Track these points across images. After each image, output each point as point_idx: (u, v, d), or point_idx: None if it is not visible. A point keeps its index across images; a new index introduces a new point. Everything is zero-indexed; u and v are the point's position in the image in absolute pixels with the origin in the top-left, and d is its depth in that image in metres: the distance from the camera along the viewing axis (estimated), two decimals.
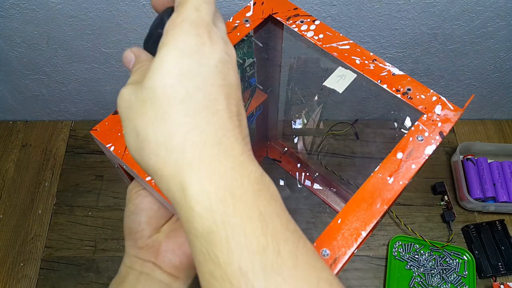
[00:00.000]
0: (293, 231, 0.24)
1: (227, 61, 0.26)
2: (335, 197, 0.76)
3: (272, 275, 0.21)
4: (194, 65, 0.24)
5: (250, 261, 0.21)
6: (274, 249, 0.22)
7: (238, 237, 0.22)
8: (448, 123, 0.41)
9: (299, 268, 0.22)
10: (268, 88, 0.62)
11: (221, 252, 0.22)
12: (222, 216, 0.22)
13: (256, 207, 0.23)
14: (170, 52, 0.24)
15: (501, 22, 0.65)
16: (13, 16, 0.65)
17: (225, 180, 0.23)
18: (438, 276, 0.72)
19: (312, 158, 0.78)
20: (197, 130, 0.23)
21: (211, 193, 0.22)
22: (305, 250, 0.23)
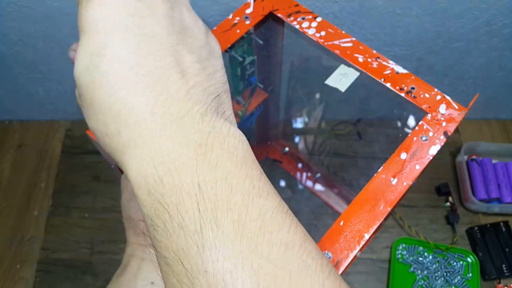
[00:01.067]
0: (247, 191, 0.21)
1: (138, 8, 0.23)
2: (337, 198, 0.75)
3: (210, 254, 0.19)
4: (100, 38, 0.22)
5: (187, 243, 0.20)
6: (212, 225, 0.20)
7: (174, 219, 0.20)
8: (452, 122, 0.40)
9: (244, 239, 0.20)
10: (269, 87, 0.61)
11: (162, 236, 0.20)
12: (159, 199, 0.20)
13: (196, 178, 0.20)
14: (81, 40, 0.23)
15: (505, 20, 0.65)
16: (10, 14, 0.65)
17: (160, 156, 0.21)
18: (442, 278, 0.71)
19: (314, 158, 0.77)
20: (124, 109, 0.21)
21: (147, 175, 0.21)
22: (258, 213, 0.20)
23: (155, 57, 0.22)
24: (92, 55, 0.22)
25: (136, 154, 0.21)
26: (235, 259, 0.19)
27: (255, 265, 0.19)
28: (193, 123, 0.22)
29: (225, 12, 0.63)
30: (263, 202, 0.21)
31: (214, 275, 0.19)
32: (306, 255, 0.21)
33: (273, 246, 0.20)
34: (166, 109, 0.21)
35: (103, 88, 0.22)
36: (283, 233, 0.21)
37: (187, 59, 0.23)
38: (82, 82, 0.22)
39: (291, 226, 0.22)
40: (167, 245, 0.20)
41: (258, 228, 0.20)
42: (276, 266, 0.20)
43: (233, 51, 0.49)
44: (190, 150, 0.21)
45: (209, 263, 0.19)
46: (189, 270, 0.19)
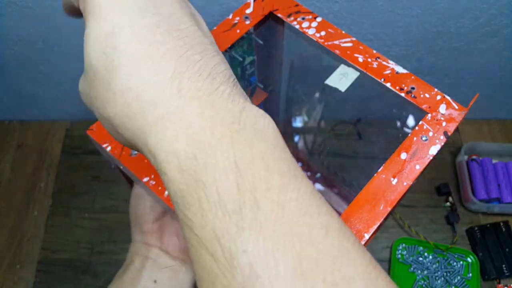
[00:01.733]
0: (284, 173, 0.20)
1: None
2: (337, 198, 0.75)
3: (250, 234, 0.19)
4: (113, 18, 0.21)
5: (225, 222, 0.19)
6: (251, 205, 0.19)
7: (211, 197, 0.19)
8: (452, 122, 0.40)
9: (284, 220, 0.19)
10: (269, 87, 0.61)
11: (195, 215, 0.20)
12: (193, 176, 0.20)
13: (232, 156, 0.19)
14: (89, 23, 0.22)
15: (505, 20, 0.65)
16: (10, 14, 0.64)
17: (192, 133, 0.20)
18: (442, 278, 0.71)
19: (314, 158, 0.77)
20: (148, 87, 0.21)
21: (178, 151, 0.20)
22: (296, 194, 0.20)
23: (173, 35, 0.21)
24: (107, 36, 0.21)
25: (165, 131, 0.20)
26: (276, 241, 0.19)
27: (297, 247, 0.19)
28: (222, 101, 0.21)
29: (225, 12, 0.63)
30: (300, 184, 0.21)
31: (255, 255, 0.18)
32: (346, 241, 0.20)
33: (313, 228, 0.20)
34: (192, 85, 0.21)
35: (123, 69, 0.21)
36: (322, 216, 0.20)
37: (203, 40, 0.23)
38: (98, 65, 0.21)
39: (328, 209, 0.21)
40: (202, 224, 0.19)
41: (298, 209, 0.20)
42: (318, 249, 0.19)
43: (233, 51, 0.49)
44: (224, 128, 0.20)
45: (249, 244, 0.19)
46: (227, 249, 0.19)
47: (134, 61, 0.21)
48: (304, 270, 0.18)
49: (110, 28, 0.21)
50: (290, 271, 0.18)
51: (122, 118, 0.21)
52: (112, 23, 0.21)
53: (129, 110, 0.21)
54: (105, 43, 0.21)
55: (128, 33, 0.21)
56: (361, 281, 0.19)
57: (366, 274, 0.20)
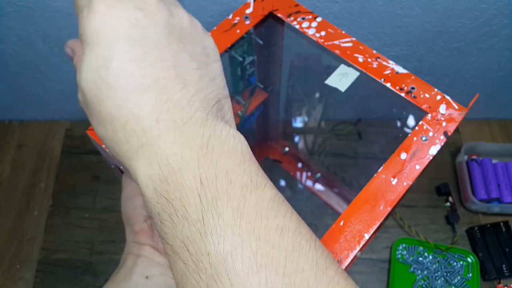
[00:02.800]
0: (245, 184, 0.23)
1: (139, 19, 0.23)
2: (337, 198, 0.75)
3: (212, 238, 0.21)
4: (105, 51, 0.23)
5: (190, 231, 0.22)
6: (213, 214, 0.22)
7: (179, 211, 0.22)
8: (452, 122, 0.40)
9: (242, 224, 0.22)
10: (269, 87, 0.61)
11: (168, 228, 0.22)
12: (165, 196, 0.22)
13: (198, 175, 0.22)
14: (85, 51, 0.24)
15: (505, 20, 0.65)
16: (9, 14, 0.64)
17: (165, 158, 0.23)
18: (442, 278, 0.71)
19: (314, 158, 0.77)
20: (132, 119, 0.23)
21: (153, 176, 0.23)
22: (255, 202, 0.22)
23: (158, 67, 0.23)
24: (98, 68, 0.23)
25: (144, 159, 0.23)
26: (234, 242, 0.21)
27: (253, 246, 0.21)
28: (195, 128, 0.23)
29: (225, 12, 0.63)
30: (260, 193, 0.23)
31: (216, 256, 0.21)
32: (300, 238, 0.23)
33: (270, 230, 0.22)
34: (170, 116, 0.23)
35: (111, 100, 0.23)
36: (279, 219, 0.23)
37: (189, 66, 0.25)
38: (89, 94, 0.24)
39: (286, 213, 0.24)
40: (173, 235, 0.22)
41: (255, 214, 0.22)
42: (273, 247, 0.22)
43: (233, 51, 0.49)
44: (193, 152, 0.23)
45: (211, 246, 0.21)
46: (193, 254, 0.21)
47: (121, 94, 0.23)
48: (259, 265, 0.21)
49: (101, 60, 0.23)
50: (247, 267, 0.21)
51: (111, 142, 0.24)
52: (103, 55, 0.23)
53: (116, 137, 0.24)
54: (96, 74, 0.23)
55: (116, 67, 0.23)
56: (311, 271, 0.22)
57: (317, 266, 0.22)
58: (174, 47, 0.24)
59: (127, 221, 0.45)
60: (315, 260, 0.22)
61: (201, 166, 0.22)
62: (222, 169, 0.22)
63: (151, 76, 0.23)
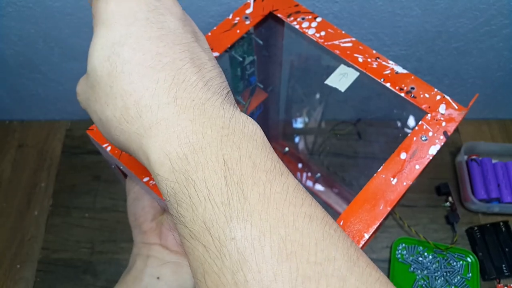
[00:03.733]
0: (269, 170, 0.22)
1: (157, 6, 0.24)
2: (337, 198, 0.75)
3: (238, 223, 0.20)
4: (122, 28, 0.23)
5: (214, 214, 0.20)
6: (239, 197, 0.21)
7: (201, 192, 0.21)
8: (452, 122, 0.40)
9: (270, 209, 0.21)
10: (269, 87, 0.61)
11: (186, 211, 0.21)
12: (184, 175, 0.21)
13: (221, 156, 0.21)
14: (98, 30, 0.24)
15: (505, 20, 0.65)
16: (10, 14, 0.64)
17: (184, 136, 0.22)
18: (442, 278, 0.71)
19: (314, 158, 0.77)
20: (147, 94, 0.22)
21: (171, 153, 0.22)
22: (281, 188, 0.22)
23: (175, 49, 0.24)
24: (114, 44, 0.23)
25: (159, 135, 0.22)
26: (262, 227, 0.20)
27: (282, 232, 0.20)
28: (214, 109, 0.23)
29: (225, 12, 0.63)
30: (285, 180, 0.22)
31: (243, 241, 0.20)
32: (328, 227, 0.22)
33: (298, 217, 0.21)
34: (188, 95, 0.23)
35: (125, 75, 0.23)
36: (306, 207, 0.22)
37: (202, 56, 0.25)
38: (101, 71, 0.23)
39: (312, 201, 0.23)
40: (193, 218, 0.21)
41: (282, 200, 0.21)
42: (302, 234, 0.20)
43: (233, 51, 0.49)
44: (214, 131, 0.22)
45: (237, 231, 0.20)
46: (216, 238, 0.20)
47: (137, 69, 0.23)
48: (289, 252, 0.20)
49: (118, 37, 0.23)
50: (276, 253, 0.20)
51: (120, 120, 0.23)
52: (120, 32, 0.23)
53: (127, 114, 0.23)
54: (111, 50, 0.23)
55: (134, 43, 0.23)
56: (342, 261, 0.21)
57: (348, 256, 0.21)
58: (188, 36, 0.25)
59: (135, 221, 0.45)
60: (345, 250, 0.21)
61: (224, 147, 0.21)
62: (245, 152, 0.22)
63: (168, 56, 0.23)
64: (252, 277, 0.19)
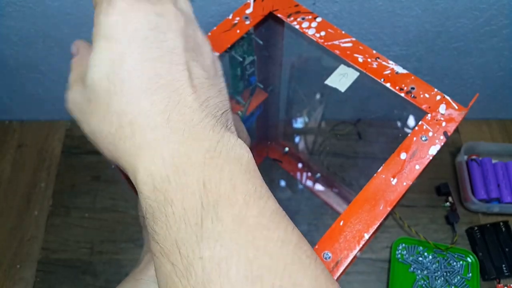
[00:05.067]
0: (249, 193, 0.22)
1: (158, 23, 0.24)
2: (337, 198, 0.75)
3: (208, 243, 0.20)
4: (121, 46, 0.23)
5: (186, 233, 0.21)
6: (212, 218, 0.21)
7: (177, 212, 0.21)
8: (452, 122, 0.40)
9: (242, 231, 0.21)
10: (269, 87, 0.61)
11: (161, 228, 0.22)
12: (164, 194, 0.22)
13: (201, 178, 0.22)
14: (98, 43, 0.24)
15: (505, 20, 0.65)
16: (10, 14, 0.64)
17: (170, 158, 0.22)
18: (442, 278, 0.71)
19: (314, 158, 0.77)
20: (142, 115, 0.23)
21: (155, 173, 0.22)
22: (258, 211, 0.22)
23: (172, 70, 0.24)
24: (113, 62, 0.23)
25: (147, 155, 0.23)
26: (231, 249, 0.20)
27: (251, 255, 0.20)
28: (204, 132, 0.23)
29: (225, 12, 0.63)
30: (263, 204, 0.22)
31: (210, 261, 0.20)
32: (301, 253, 0.22)
33: (269, 241, 0.21)
34: (180, 117, 0.23)
35: (122, 95, 0.23)
36: (280, 231, 0.22)
37: (200, 74, 0.25)
38: (100, 86, 0.24)
39: (288, 226, 0.23)
40: (166, 236, 0.21)
41: (256, 223, 0.21)
42: (271, 258, 0.20)
43: (233, 51, 0.49)
44: (199, 155, 0.22)
45: (206, 250, 0.20)
46: (185, 257, 0.20)
47: (134, 90, 0.23)
48: (255, 275, 0.20)
49: (117, 54, 0.23)
50: (242, 276, 0.20)
51: (115, 137, 0.24)
52: (119, 51, 0.23)
53: (121, 132, 0.23)
54: (110, 68, 0.23)
55: (132, 64, 0.23)
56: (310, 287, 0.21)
57: (317, 283, 0.21)
58: (188, 55, 0.25)
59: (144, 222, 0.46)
60: (314, 277, 0.21)
61: (206, 170, 0.22)
62: (227, 175, 0.22)
63: (166, 77, 0.23)
64: None
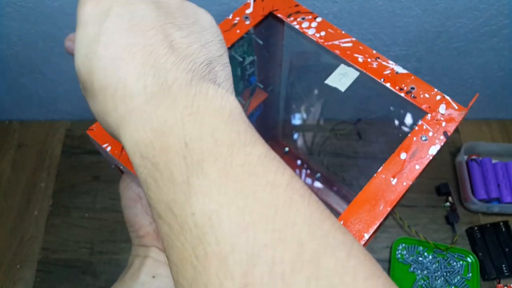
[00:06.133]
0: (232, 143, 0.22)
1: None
2: (337, 198, 0.75)
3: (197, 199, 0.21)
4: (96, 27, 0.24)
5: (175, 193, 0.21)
6: (198, 175, 0.21)
7: (165, 174, 0.22)
8: (452, 122, 0.40)
9: (229, 183, 0.21)
10: (269, 87, 0.61)
11: (153, 193, 0.22)
12: (150, 160, 0.22)
13: (182, 137, 0.22)
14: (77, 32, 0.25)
15: (505, 20, 0.65)
16: (10, 14, 0.64)
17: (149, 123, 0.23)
18: (442, 278, 0.71)
19: (314, 158, 0.77)
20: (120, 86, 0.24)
21: (139, 142, 0.23)
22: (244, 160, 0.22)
23: (145, 36, 0.24)
24: (89, 43, 0.24)
25: (130, 124, 0.23)
26: (220, 201, 0.21)
27: (241, 204, 0.20)
28: (180, 89, 0.23)
29: (225, 12, 0.63)
30: (249, 150, 0.22)
31: (201, 216, 0.20)
32: (292, 193, 0.22)
33: (258, 187, 0.21)
34: (156, 81, 0.23)
35: (101, 71, 0.24)
36: (269, 175, 0.22)
37: (177, 35, 0.25)
38: (83, 70, 0.24)
39: (278, 168, 0.23)
40: (159, 199, 0.22)
41: (243, 172, 0.21)
42: (262, 203, 0.21)
43: (233, 51, 0.49)
44: (177, 113, 0.22)
45: (196, 206, 0.21)
46: (178, 216, 0.21)
47: (110, 63, 0.24)
48: (247, 223, 0.20)
49: (92, 35, 0.24)
50: (234, 225, 0.20)
51: (104, 113, 0.24)
52: (94, 31, 0.24)
53: (106, 107, 0.24)
54: (88, 48, 0.24)
55: (106, 39, 0.24)
56: (303, 225, 0.21)
57: (311, 220, 0.21)
58: (161, 18, 0.25)
59: (131, 227, 0.45)
60: (308, 214, 0.21)
61: (186, 128, 0.22)
62: (208, 129, 0.22)
63: (137, 45, 0.24)
64: (211, 250, 0.20)
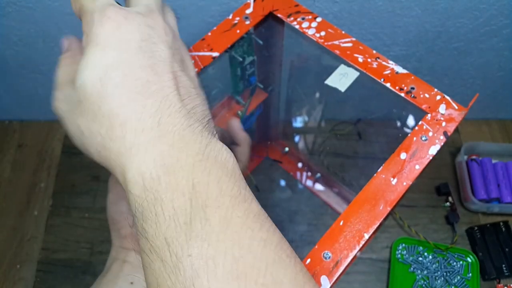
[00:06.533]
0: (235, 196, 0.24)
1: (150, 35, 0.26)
2: (337, 198, 0.75)
3: (196, 241, 0.22)
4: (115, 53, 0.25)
5: (176, 232, 0.22)
6: (201, 219, 0.22)
7: (167, 211, 0.22)
8: (452, 122, 0.40)
9: (228, 231, 0.22)
10: (269, 87, 0.61)
11: (150, 226, 0.23)
12: (154, 194, 0.23)
13: (191, 180, 0.23)
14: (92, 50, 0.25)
15: (505, 20, 0.65)
16: (10, 14, 0.64)
17: (160, 159, 0.23)
18: (442, 278, 0.71)
19: (314, 158, 0.77)
20: (134, 117, 0.24)
21: (145, 173, 0.23)
22: (243, 213, 0.23)
23: (163, 78, 0.25)
24: (107, 67, 0.24)
25: (138, 156, 0.24)
26: (218, 248, 0.22)
27: (237, 254, 0.22)
28: (193, 136, 0.24)
29: (225, 12, 0.63)
30: (247, 206, 0.24)
31: (198, 258, 0.21)
32: (281, 252, 0.23)
33: (253, 241, 0.23)
34: (171, 121, 0.24)
35: (116, 98, 0.24)
36: (263, 232, 0.23)
37: (187, 84, 0.27)
38: (91, 89, 0.25)
39: (270, 228, 0.24)
40: (156, 233, 0.22)
41: (241, 224, 0.23)
42: (255, 257, 0.22)
43: (233, 51, 0.49)
44: (189, 157, 0.24)
45: (194, 249, 0.21)
46: (174, 254, 0.22)
47: (127, 94, 0.24)
48: (239, 272, 0.21)
49: (111, 61, 0.25)
50: (228, 273, 0.21)
51: (105, 137, 0.25)
52: (114, 57, 0.25)
53: (112, 133, 0.24)
54: (104, 72, 0.24)
55: (126, 69, 0.25)
56: (289, 285, 0.22)
57: (295, 280, 0.23)
58: (176, 65, 0.27)
59: (114, 225, 0.45)
60: (293, 275, 0.23)
61: (195, 172, 0.23)
62: (215, 178, 0.23)
63: (157, 84, 0.25)
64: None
